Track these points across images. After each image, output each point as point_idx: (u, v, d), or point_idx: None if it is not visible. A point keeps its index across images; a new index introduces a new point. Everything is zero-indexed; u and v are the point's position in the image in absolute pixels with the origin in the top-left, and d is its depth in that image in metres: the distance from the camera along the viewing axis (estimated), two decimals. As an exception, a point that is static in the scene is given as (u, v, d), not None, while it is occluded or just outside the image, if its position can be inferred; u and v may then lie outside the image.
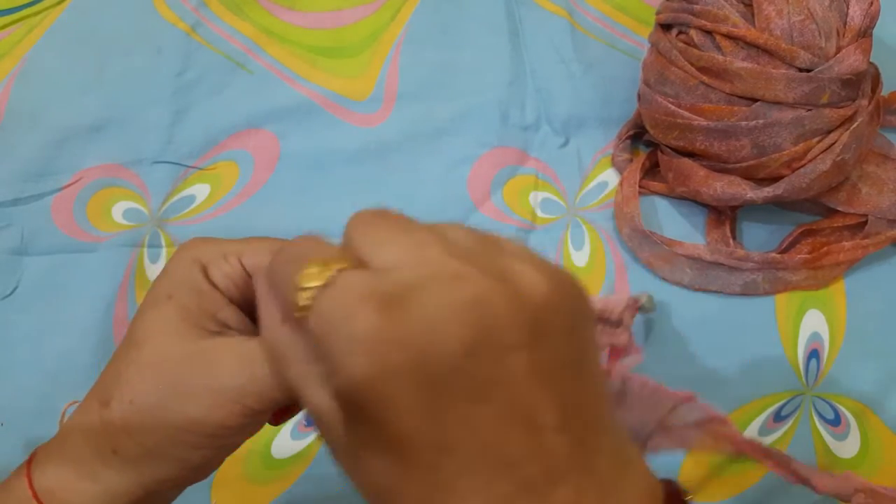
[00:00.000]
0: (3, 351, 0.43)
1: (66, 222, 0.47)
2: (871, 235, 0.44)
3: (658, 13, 0.46)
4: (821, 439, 0.41)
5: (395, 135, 0.50)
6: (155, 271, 0.45)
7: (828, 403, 0.42)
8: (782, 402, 0.42)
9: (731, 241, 0.45)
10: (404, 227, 0.20)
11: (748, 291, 0.44)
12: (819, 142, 0.41)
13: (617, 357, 0.31)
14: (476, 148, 0.49)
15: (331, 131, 0.50)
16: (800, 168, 0.42)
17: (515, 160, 0.49)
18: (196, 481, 0.25)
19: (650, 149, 0.49)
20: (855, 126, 0.41)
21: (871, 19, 0.41)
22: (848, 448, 0.42)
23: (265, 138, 0.50)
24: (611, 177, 0.49)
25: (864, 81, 0.42)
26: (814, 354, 0.43)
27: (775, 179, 0.43)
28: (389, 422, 0.17)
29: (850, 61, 0.40)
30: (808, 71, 0.40)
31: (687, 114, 0.43)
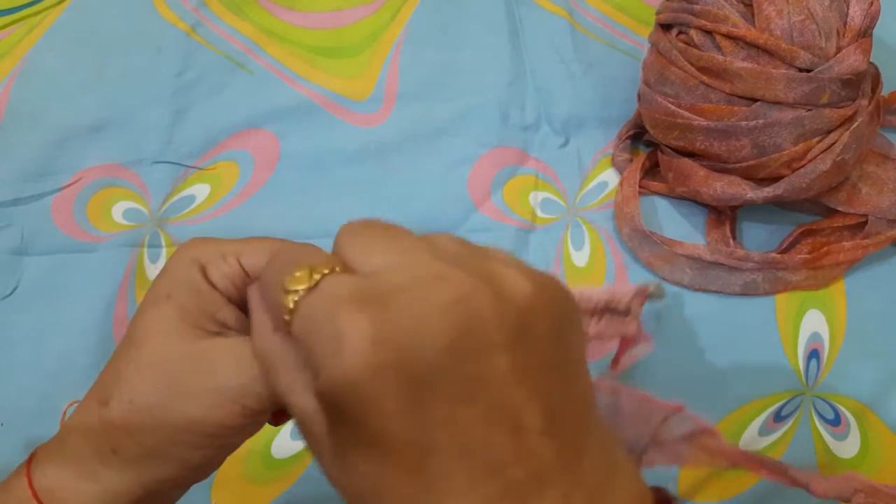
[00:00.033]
0: (3, 351, 0.43)
1: (66, 222, 0.47)
2: (871, 235, 0.44)
3: (658, 13, 0.46)
4: (821, 439, 0.41)
5: (395, 135, 0.50)
6: (155, 271, 0.45)
7: (828, 403, 0.42)
8: (782, 402, 0.42)
9: (731, 241, 0.45)
10: (392, 235, 0.20)
11: (748, 291, 0.44)
12: (819, 142, 0.41)
13: (627, 347, 0.31)
14: (476, 148, 0.49)
15: (331, 131, 0.50)
16: (800, 168, 0.42)
17: (515, 160, 0.49)
18: (197, 481, 0.25)
19: (650, 149, 0.49)
20: (855, 126, 0.41)
21: (872, 19, 0.41)
22: (848, 448, 0.42)
23: (265, 138, 0.50)
24: (611, 177, 0.49)
25: (864, 81, 0.42)
26: (814, 354, 0.43)
27: (775, 179, 0.43)
28: (373, 422, 0.17)
29: (850, 61, 0.40)
30: (808, 71, 0.40)
31: (687, 114, 0.43)
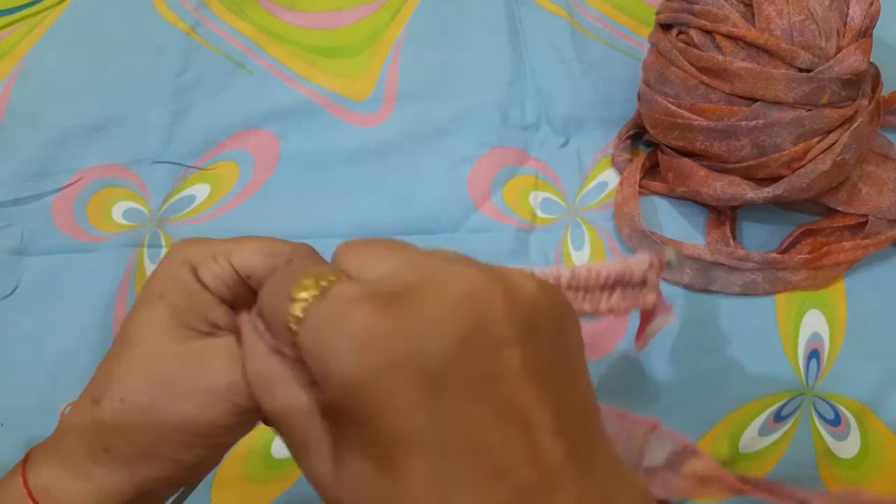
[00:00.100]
0: (3, 351, 0.43)
1: (66, 222, 0.47)
2: (871, 235, 0.44)
3: (658, 13, 0.46)
4: (821, 439, 0.41)
5: (395, 135, 0.50)
6: (155, 271, 0.45)
7: (828, 403, 0.42)
8: (782, 402, 0.42)
9: (732, 241, 0.45)
10: (395, 246, 0.20)
11: (748, 291, 0.44)
12: (819, 142, 0.41)
13: (648, 320, 0.30)
14: (476, 148, 0.49)
15: (331, 131, 0.50)
16: (800, 168, 0.42)
17: (515, 160, 0.49)
18: (192, 481, 0.25)
19: (650, 149, 0.49)
20: (855, 126, 0.41)
21: (872, 19, 0.41)
22: (848, 448, 0.42)
23: (265, 138, 0.50)
24: (611, 177, 0.49)
25: (865, 81, 0.42)
26: (814, 354, 0.43)
27: (775, 179, 0.43)
28: (387, 421, 0.17)
29: (851, 61, 0.40)
30: (809, 71, 0.40)
31: (687, 114, 0.43)
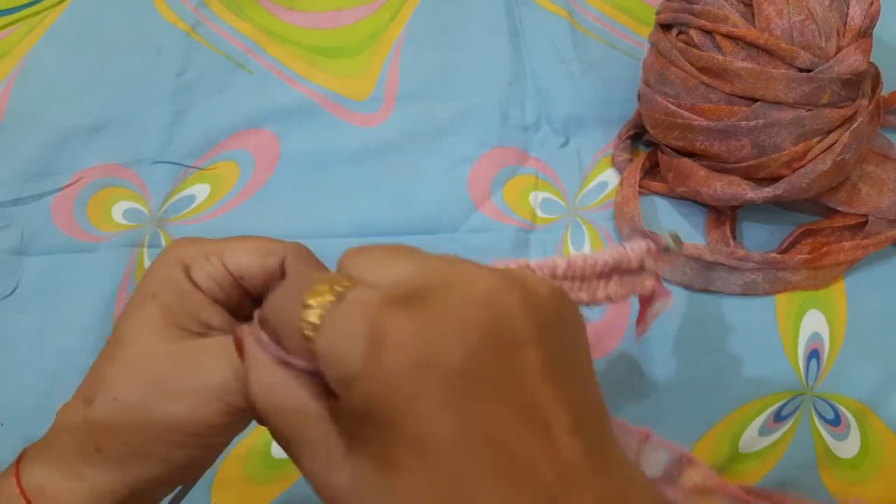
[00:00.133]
0: (3, 351, 0.43)
1: (66, 222, 0.47)
2: (871, 235, 0.44)
3: (658, 13, 0.46)
4: (821, 439, 0.41)
5: (395, 135, 0.50)
6: (155, 271, 0.45)
7: (828, 403, 0.42)
8: (782, 402, 0.42)
9: (732, 241, 0.45)
10: (403, 252, 0.20)
11: (748, 291, 0.44)
12: (819, 142, 0.41)
13: (647, 306, 0.30)
14: (476, 148, 0.49)
15: (331, 131, 0.50)
16: (800, 168, 0.42)
17: (515, 160, 0.49)
18: (186, 481, 0.25)
19: (650, 149, 0.49)
20: (855, 126, 0.41)
21: (871, 19, 0.41)
22: (848, 448, 0.42)
23: (265, 138, 0.50)
24: (611, 177, 0.49)
25: (865, 81, 0.42)
26: (814, 354, 0.43)
27: (775, 179, 0.43)
28: (413, 424, 0.17)
29: (851, 61, 0.40)
30: (808, 71, 0.40)
31: (687, 114, 0.43)
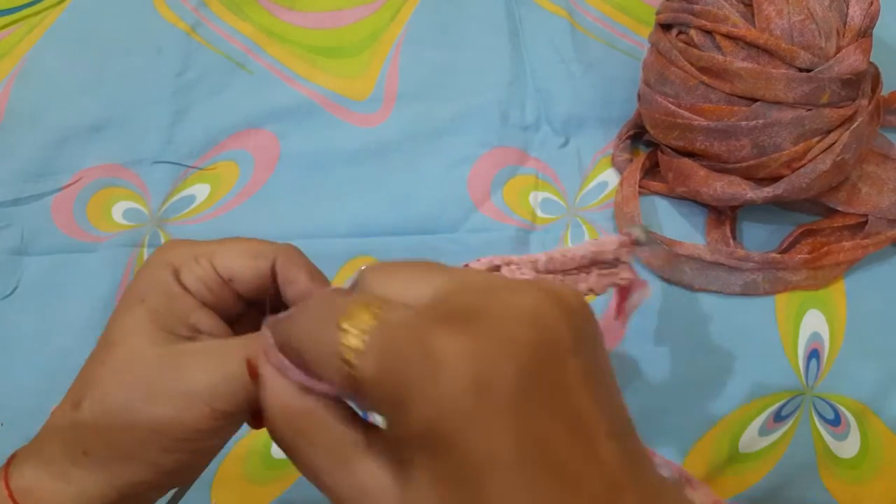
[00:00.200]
0: (3, 351, 0.43)
1: (66, 222, 0.47)
2: (871, 235, 0.44)
3: (658, 13, 0.46)
4: (821, 439, 0.41)
5: (395, 135, 0.50)
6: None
7: (828, 403, 0.42)
8: (782, 402, 0.42)
9: (731, 241, 0.45)
10: (427, 267, 0.19)
11: (748, 291, 0.44)
12: (819, 142, 0.41)
13: (625, 296, 0.31)
14: (476, 148, 0.49)
15: (331, 131, 0.50)
16: (800, 168, 0.42)
17: (515, 160, 0.49)
18: (177, 485, 0.25)
19: (650, 149, 0.49)
20: (855, 126, 0.41)
21: (871, 19, 0.41)
22: (848, 448, 0.42)
23: (265, 138, 0.50)
24: (611, 177, 0.49)
25: (864, 81, 0.42)
26: (814, 354, 0.43)
27: (775, 179, 0.43)
28: (475, 445, 0.16)
29: (850, 61, 0.40)
30: (808, 71, 0.40)
31: (687, 114, 0.43)
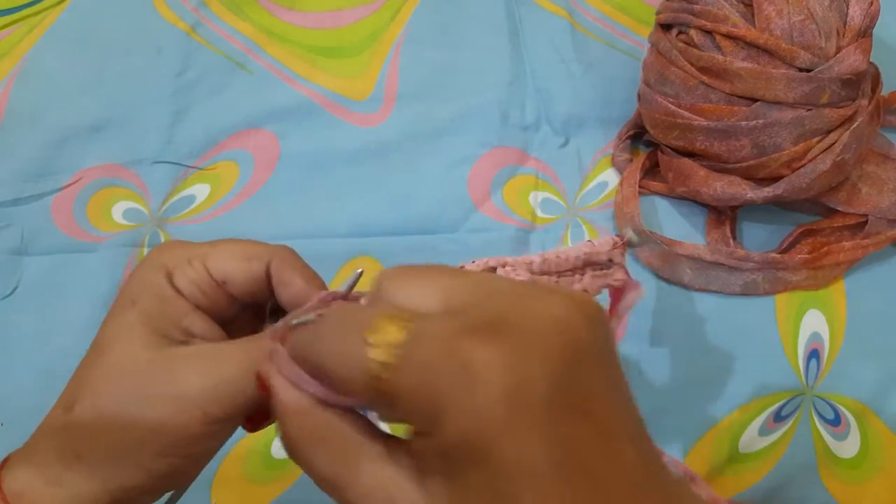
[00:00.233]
0: (3, 351, 0.43)
1: (66, 222, 0.47)
2: (871, 235, 0.44)
3: (658, 13, 0.46)
4: (821, 439, 0.41)
5: (395, 135, 0.50)
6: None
7: (828, 403, 0.42)
8: (782, 402, 0.42)
9: (731, 241, 0.45)
10: (442, 272, 0.19)
11: (748, 291, 0.44)
12: (819, 142, 0.41)
13: (619, 297, 0.31)
14: (476, 148, 0.49)
15: (331, 131, 0.50)
16: (800, 168, 0.42)
17: (515, 160, 0.49)
18: (170, 489, 0.25)
19: (650, 149, 0.49)
20: (855, 126, 0.41)
21: (871, 19, 0.41)
22: (848, 448, 0.42)
23: (265, 138, 0.50)
24: (611, 177, 0.49)
25: (864, 81, 0.42)
26: (814, 354, 0.43)
27: (775, 179, 0.43)
28: (507, 455, 0.16)
29: (850, 61, 0.40)
30: (808, 71, 0.40)
31: (687, 114, 0.43)
